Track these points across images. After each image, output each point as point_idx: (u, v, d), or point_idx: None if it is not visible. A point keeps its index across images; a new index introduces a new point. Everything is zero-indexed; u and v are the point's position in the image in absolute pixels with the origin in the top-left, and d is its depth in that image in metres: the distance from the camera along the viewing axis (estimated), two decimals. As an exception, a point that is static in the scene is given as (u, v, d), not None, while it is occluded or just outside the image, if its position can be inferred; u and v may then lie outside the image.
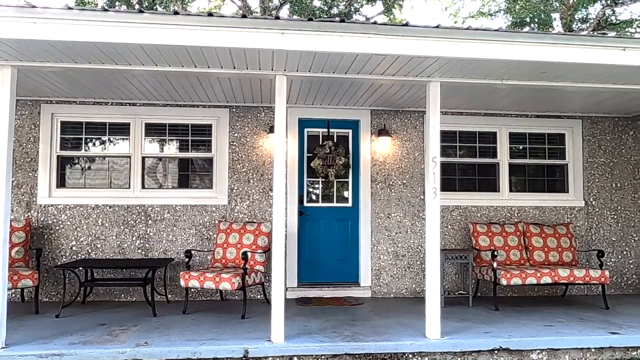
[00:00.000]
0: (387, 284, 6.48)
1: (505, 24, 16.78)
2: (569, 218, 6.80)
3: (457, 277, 6.56)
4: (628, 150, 6.98)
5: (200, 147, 6.50)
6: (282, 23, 3.84)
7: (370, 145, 6.59)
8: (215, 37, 3.77)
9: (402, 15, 17.19)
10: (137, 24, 3.68)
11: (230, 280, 5.06)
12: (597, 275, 5.65)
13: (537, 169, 7.00)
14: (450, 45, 4.01)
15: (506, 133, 6.86)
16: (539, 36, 4.15)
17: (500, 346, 4.38)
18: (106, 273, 6.05)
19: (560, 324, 5.01)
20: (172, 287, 6.15)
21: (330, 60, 4.24)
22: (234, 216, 6.35)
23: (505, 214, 6.73)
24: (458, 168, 6.85)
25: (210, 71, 4.56)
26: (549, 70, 4.49)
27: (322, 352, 4.19)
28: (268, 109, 6.45)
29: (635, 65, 4.20)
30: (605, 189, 6.93)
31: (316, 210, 6.62)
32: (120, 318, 5.12)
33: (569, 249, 6.29)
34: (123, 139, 6.39)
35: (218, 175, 6.39)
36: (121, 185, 6.33)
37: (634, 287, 6.84)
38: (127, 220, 6.21)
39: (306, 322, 4.98)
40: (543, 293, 6.69)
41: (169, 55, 4.14)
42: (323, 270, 6.56)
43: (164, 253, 6.22)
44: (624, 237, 6.89)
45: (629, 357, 4.53)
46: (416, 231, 6.55)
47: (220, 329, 4.70)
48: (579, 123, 6.94)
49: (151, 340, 4.29)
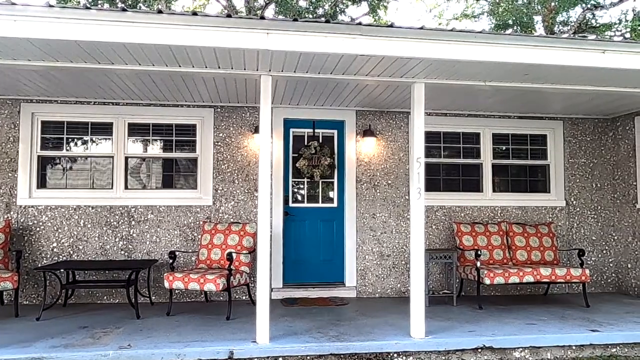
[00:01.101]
0: (373, 283, 6.51)
1: (489, 26, 16.99)
2: (550, 218, 6.91)
3: (442, 277, 6.62)
4: (607, 151, 7.12)
5: (184, 148, 6.45)
6: (267, 23, 3.83)
7: (355, 145, 6.61)
8: (200, 36, 3.75)
9: (387, 17, 17.29)
10: (120, 22, 3.64)
11: (215, 281, 5.02)
12: (577, 274, 5.75)
13: (519, 169, 7.09)
14: (434, 46, 4.04)
15: (489, 134, 6.94)
16: (522, 38, 4.21)
17: (484, 345, 4.43)
18: (88, 275, 5.96)
19: (542, 322, 5.09)
20: (156, 288, 6.08)
21: (315, 60, 4.25)
22: (219, 217, 6.31)
23: (489, 214, 6.81)
24: (442, 168, 6.91)
25: (194, 71, 4.54)
26: (532, 72, 4.56)
27: (307, 353, 4.19)
28: (253, 109, 6.43)
29: (614, 67, 4.29)
30: (585, 189, 7.05)
31: (301, 211, 6.62)
32: (103, 320, 5.05)
33: (551, 248, 6.39)
34: (106, 138, 6.30)
35: (203, 176, 6.34)
36: (104, 185, 6.25)
37: (614, 285, 6.97)
38: (110, 221, 6.13)
39: (291, 322, 4.97)
40: (525, 292, 6.78)
41: (153, 54, 4.10)
42: (308, 271, 6.55)
43: (147, 254, 6.15)
44: (604, 236, 7.02)
45: (609, 354, 4.62)
46: (401, 231, 6.58)
47: (205, 330, 4.67)
48: (560, 124, 7.05)
49: (134, 342, 4.24)
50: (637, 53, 4.27)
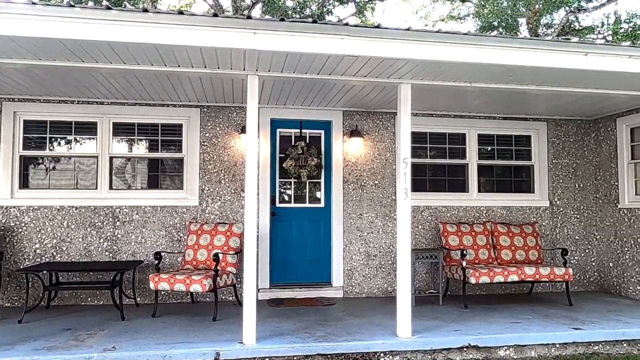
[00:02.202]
0: (359, 283, 6.52)
1: (474, 28, 17.15)
2: (534, 217, 7.00)
3: (428, 277, 6.66)
4: (590, 152, 7.23)
5: (170, 147, 6.40)
6: (253, 23, 3.82)
7: (342, 146, 6.62)
8: (186, 35, 3.73)
9: (374, 18, 17.37)
10: (105, 21, 3.60)
11: (202, 282, 4.99)
12: (561, 272, 5.83)
13: (504, 169, 7.17)
14: (420, 47, 4.07)
15: (475, 134, 7.00)
16: (507, 40, 4.26)
17: (470, 343, 4.47)
18: (72, 276, 5.88)
19: (527, 320, 5.15)
20: (141, 290, 6.02)
21: (302, 60, 4.25)
22: (205, 217, 6.27)
23: (474, 214, 6.87)
24: (428, 169, 6.95)
25: (180, 70, 4.50)
26: (516, 74, 4.62)
27: (294, 353, 4.18)
28: (240, 109, 6.40)
29: (596, 69, 4.37)
30: (568, 189, 7.16)
31: (288, 211, 6.61)
32: (87, 322, 4.99)
33: (535, 248, 6.47)
34: (90, 138, 6.22)
35: (189, 176, 6.30)
36: (88, 186, 6.17)
37: (596, 284, 7.09)
38: (94, 222, 6.05)
39: (278, 323, 4.96)
40: (510, 291, 6.86)
41: (138, 53, 4.06)
42: (295, 271, 6.55)
43: (132, 255, 6.08)
44: (587, 235, 7.14)
45: (591, 351, 4.70)
46: (388, 231, 6.61)
47: (191, 331, 4.63)
48: (544, 125, 7.15)
49: (119, 344, 4.19)
50: (619, 55, 4.36)
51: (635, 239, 6.40)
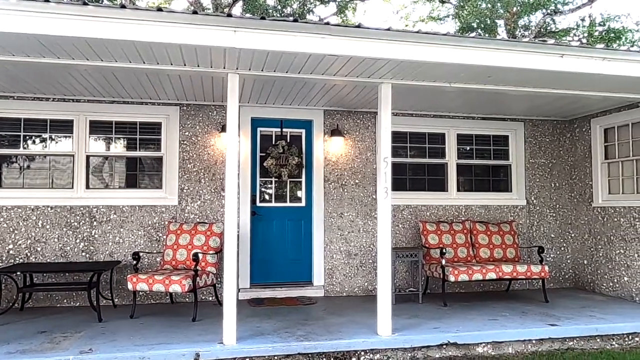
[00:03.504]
0: (340, 282, 6.54)
1: (454, 29, 17.35)
2: (512, 216, 7.12)
3: (408, 275, 6.72)
4: (565, 152, 7.39)
5: (149, 146, 6.31)
6: (234, 21, 3.79)
7: (323, 145, 6.63)
8: (165, 33, 3.67)
9: (355, 18, 17.42)
10: (81, 16, 3.52)
11: (181, 282, 4.94)
12: (537, 270, 5.94)
13: (483, 169, 7.28)
14: (401, 47, 4.09)
15: (454, 134, 7.09)
16: (485, 41, 4.33)
17: (449, 341, 4.52)
18: (47, 278, 5.75)
19: (504, 317, 5.24)
20: (119, 290, 5.93)
21: (283, 59, 4.23)
22: (185, 217, 6.21)
23: (454, 213, 6.95)
24: (409, 168, 7.01)
25: (159, 68, 4.44)
26: (494, 74, 4.68)
27: (274, 353, 4.17)
28: (220, 107, 6.35)
29: (571, 71, 4.46)
30: (545, 188, 7.30)
31: (269, 210, 6.59)
32: (63, 324, 4.88)
33: (512, 246, 6.59)
34: (66, 136, 6.09)
35: (168, 175, 6.22)
36: (64, 185, 6.04)
37: (571, 281, 7.25)
38: (70, 222, 5.93)
39: (259, 323, 4.94)
40: (488, 288, 6.96)
41: (116, 50, 4.00)
42: (276, 271, 6.53)
43: (110, 256, 5.98)
44: (562, 233, 7.29)
45: (566, 347, 4.80)
46: (368, 230, 6.64)
47: (170, 332, 4.58)
48: (521, 125, 7.27)
49: (96, 346, 4.12)
50: (593, 58, 4.46)
51: (609, 237, 6.56)
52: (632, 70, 4.55)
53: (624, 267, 6.32)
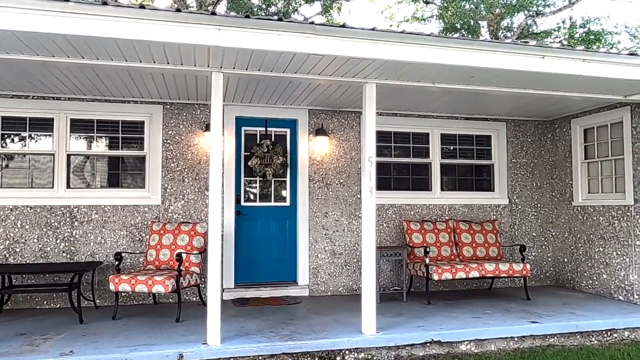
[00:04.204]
0: (325, 282, 6.55)
1: (438, 30, 17.49)
2: (494, 215, 7.21)
3: (392, 274, 6.75)
4: (547, 152, 7.50)
5: (131, 145, 6.23)
6: (218, 19, 3.76)
7: (308, 144, 6.62)
8: (148, 30, 3.63)
9: (340, 17, 17.43)
10: (62, 13, 3.46)
11: (164, 282, 4.89)
12: (519, 268, 6.03)
13: (466, 168, 7.35)
14: (385, 47, 4.11)
15: (438, 134, 7.14)
16: (468, 42, 4.37)
17: (432, 339, 4.56)
18: (26, 279, 5.64)
19: (487, 315, 5.30)
20: (100, 291, 5.84)
21: (267, 58, 4.22)
22: (168, 216, 6.14)
23: (437, 212, 7.01)
24: (393, 168, 7.05)
25: (142, 66, 4.39)
26: (477, 75, 4.73)
27: (259, 353, 4.16)
28: (204, 106, 6.30)
29: (552, 72, 4.53)
30: (527, 187, 7.40)
31: (254, 210, 6.56)
32: (43, 326, 4.80)
33: (495, 245, 6.67)
34: (46, 135, 5.99)
35: (151, 174, 6.15)
36: (44, 184, 5.93)
37: (552, 279, 7.37)
38: (51, 222, 5.83)
39: (243, 323, 4.92)
40: (471, 287, 7.04)
41: (97, 47, 3.94)
42: (261, 270, 6.51)
43: (91, 256, 5.90)
44: (543, 232, 7.41)
45: (547, 344, 4.88)
46: (353, 229, 6.66)
47: (153, 333, 4.53)
48: (503, 126, 7.36)
49: (77, 348, 4.05)
50: (573, 59, 4.53)
51: (588, 235, 6.69)
52: (610, 71, 4.65)
53: (603, 265, 6.44)
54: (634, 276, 5.95)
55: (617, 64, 4.65)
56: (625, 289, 6.08)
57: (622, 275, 6.14)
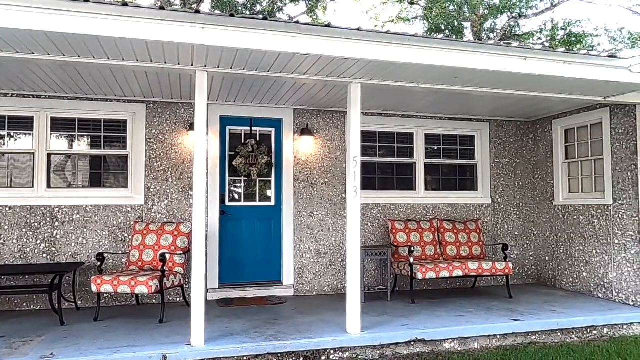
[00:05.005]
0: (310, 281, 6.55)
1: (423, 30, 17.61)
2: (478, 214, 7.29)
3: (377, 273, 6.78)
4: (529, 152, 7.61)
5: (114, 144, 6.15)
6: (202, 17, 3.73)
7: (293, 144, 6.61)
8: (131, 28, 3.59)
9: (326, 17, 17.45)
10: (42, 9, 3.39)
11: (147, 283, 4.84)
12: (502, 267, 6.10)
13: (450, 168, 7.42)
14: (370, 47, 4.12)
15: (422, 134, 7.19)
16: (452, 43, 4.40)
17: (417, 337, 4.59)
18: (5, 280, 5.53)
19: (470, 313, 5.36)
20: (82, 293, 5.76)
21: (252, 57, 4.20)
22: (152, 216, 6.08)
23: (421, 212, 7.06)
24: (378, 167, 7.08)
25: (125, 64, 4.33)
26: (461, 76, 4.78)
27: (244, 353, 4.14)
28: (188, 105, 6.25)
29: (534, 73, 4.59)
30: (509, 187, 7.50)
31: (238, 210, 6.53)
32: (23, 329, 4.71)
33: (478, 244, 6.74)
34: (26, 134, 5.87)
35: (134, 174, 6.08)
36: (23, 184, 5.82)
37: (534, 277, 7.47)
38: (30, 222, 5.72)
39: (228, 323, 4.90)
40: (455, 285, 7.11)
41: (79, 45, 3.87)
42: (245, 270, 6.48)
43: (72, 257, 5.81)
44: (525, 231, 7.51)
45: (529, 341, 4.95)
46: (338, 229, 6.67)
47: (136, 335, 4.48)
48: (486, 126, 7.45)
49: (58, 350, 3.99)
50: (555, 61, 4.60)
51: (569, 234, 6.80)
52: (590, 73, 4.72)
53: (583, 263, 6.56)
54: (613, 274, 6.08)
55: (597, 66, 4.73)
56: (605, 286, 6.20)
57: (601, 273, 6.26)
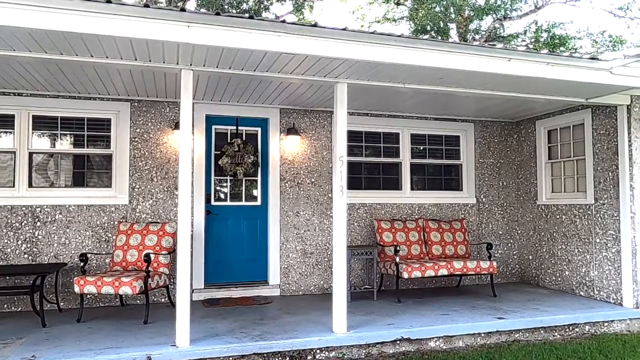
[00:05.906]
0: (296, 281, 6.54)
1: (409, 31, 17.70)
2: (462, 214, 7.35)
3: (363, 272, 6.80)
4: (512, 152, 7.70)
5: (97, 143, 6.07)
6: (188, 15, 3.70)
7: (279, 143, 6.60)
8: (114, 25, 3.55)
9: (312, 16, 17.44)
10: (23, 5, 3.34)
11: (132, 284, 4.78)
12: (486, 266, 6.17)
13: (435, 168, 7.47)
14: (356, 47, 4.14)
15: (408, 134, 7.23)
16: (437, 44, 4.43)
17: (402, 336, 4.62)
18: (-15, 281, 5.43)
19: (455, 312, 5.40)
20: (65, 294, 5.67)
21: (238, 56, 4.18)
22: (136, 216, 6.01)
23: (407, 211, 7.10)
24: (364, 167, 7.10)
25: (108, 62, 4.28)
26: (446, 76, 4.81)
27: (229, 354, 4.12)
28: (173, 104, 6.20)
29: (518, 74, 4.65)
30: (493, 187, 7.58)
31: (224, 209, 6.49)
32: (3, 331, 4.62)
33: (463, 243, 6.80)
34: (6, 132, 5.76)
35: (118, 173, 6.01)
36: (4, 183, 5.71)
37: (517, 276, 7.57)
38: (11, 222, 5.62)
39: (213, 323, 4.87)
40: (440, 284, 7.16)
41: (61, 42, 3.81)
42: (231, 270, 6.45)
43: (55, 257, 5.72)
44: (509, 230, 7.60)
45: (513, 339, 5.01)
46: (324, 229, 6.67)
47: (120, 336, 4.43)
48: (471, 126, 7.52)
49: (39, 352, 3.92)
50: (538, 62, 4.66)
51: (552, 234, 6.90)
52: (573, 75, 4.80)
53: (565, 262, 6.66)
54: (594, 272, 6.18)
55: (579, 68, 4.80)
56: (587, 284, 6.30)
57: (583, 272, 6.36)
